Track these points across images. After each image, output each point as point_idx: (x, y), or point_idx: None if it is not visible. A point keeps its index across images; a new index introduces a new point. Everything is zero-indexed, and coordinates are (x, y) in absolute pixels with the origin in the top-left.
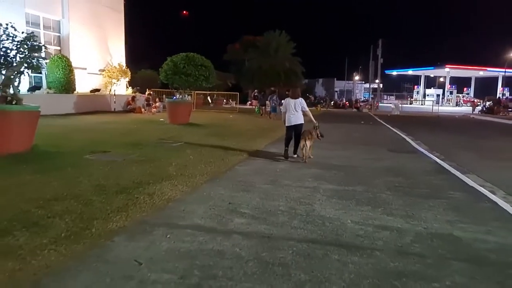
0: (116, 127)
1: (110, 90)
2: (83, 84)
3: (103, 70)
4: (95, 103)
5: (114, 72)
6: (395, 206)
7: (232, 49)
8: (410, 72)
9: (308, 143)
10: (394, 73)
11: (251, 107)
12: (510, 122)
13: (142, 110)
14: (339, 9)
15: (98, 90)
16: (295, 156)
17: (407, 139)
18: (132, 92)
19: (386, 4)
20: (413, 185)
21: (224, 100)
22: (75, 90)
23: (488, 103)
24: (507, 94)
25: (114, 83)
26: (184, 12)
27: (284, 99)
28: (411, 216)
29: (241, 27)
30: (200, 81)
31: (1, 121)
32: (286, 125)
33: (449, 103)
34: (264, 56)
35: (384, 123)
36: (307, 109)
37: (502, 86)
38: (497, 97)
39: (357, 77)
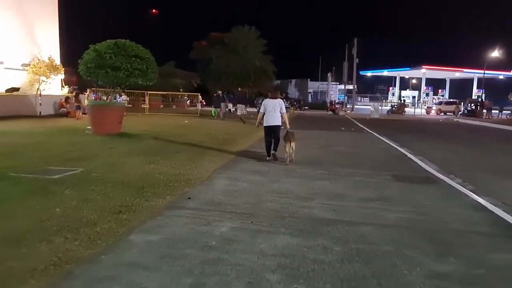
0: (5, 141)
1: (38, 89)
2: None
3: (28, 65)
4: (14, 106)
5: (41, 68)
6: None
7: (198, 47)
8: (385, 73)
9: (293, 144)
10: (369, 74)
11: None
12: (503, 126)
13: (77, 114)
14: (311, 5)
15: (17, 89)
16: (275, 152)
17: (407, 154)
18: (68, 92)
19: (361, 2)
20: None
21: (188, 102)
22: None
23: (470, 105)
24: (483, 96)
25: (43, 81)
26: (154, 10)
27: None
28: None
29: (209, 24)
30: (134, 77)
31: None
32: (264, 125)
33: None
34: (233, 54)
35: (368, 130)
36: (284, 111)
37: (477, 88)
38: (480, 99)
39: (331, 78)
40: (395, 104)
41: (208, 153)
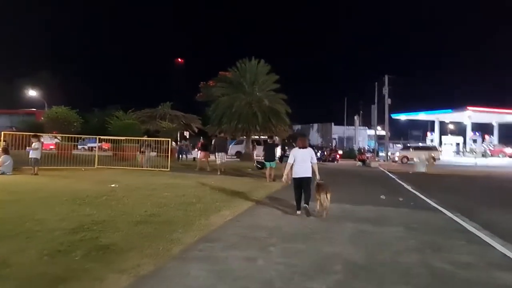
0: None
1: None
2: None
3: None
4: None
5: None
6: None
7: (205, 88)
8: (421, 116)
9: (328, 196)
10: (403, 117)
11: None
12: None
13: None
14: (335, 41)
15: None
16: (306, 206)
17: None
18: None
19: (391, 37)
20: None
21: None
22: None
23: None
24: None
25: None
26: (180, 59)
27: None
28: None
29: (222, 64)
30: None
31: None
32: (293, 176)
33: (473, 154)
34: (237, 92)
35: (427, 200)
36: (315, 161)
37: None
38: None
39: (358, 122)
40: (326, 149)
41: None
